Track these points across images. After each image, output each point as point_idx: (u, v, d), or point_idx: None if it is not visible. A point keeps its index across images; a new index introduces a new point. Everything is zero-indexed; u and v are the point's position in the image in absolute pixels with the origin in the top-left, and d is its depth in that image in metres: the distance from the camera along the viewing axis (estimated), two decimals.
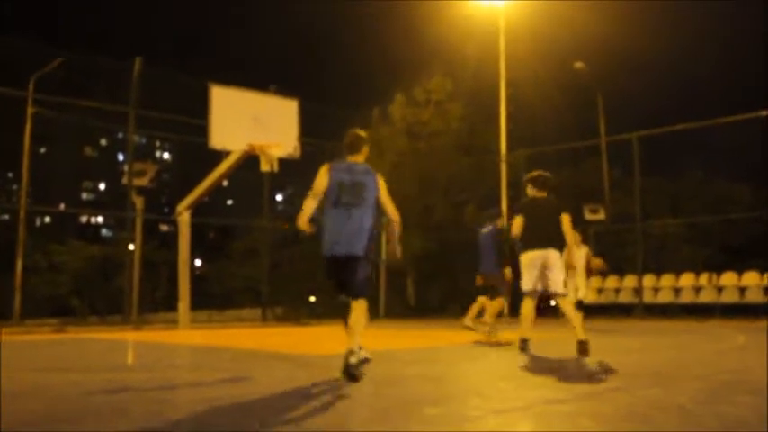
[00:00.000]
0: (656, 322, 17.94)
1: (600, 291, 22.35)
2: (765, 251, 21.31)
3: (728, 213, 23.66)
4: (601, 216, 22.25)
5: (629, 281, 21.83)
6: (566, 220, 8.70)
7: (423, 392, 5.37)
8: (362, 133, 6.80)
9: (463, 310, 13.28)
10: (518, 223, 8.81)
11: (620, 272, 22.53)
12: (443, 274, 24.05)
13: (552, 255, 8.59)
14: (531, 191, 9.08)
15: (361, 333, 6.17)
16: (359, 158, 6.69)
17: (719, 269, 20.88)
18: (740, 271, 20.33)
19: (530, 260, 8.67)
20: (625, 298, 21.59)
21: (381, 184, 6.63)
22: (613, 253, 23.87)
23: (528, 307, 8.82)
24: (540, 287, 8.68)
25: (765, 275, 19.69)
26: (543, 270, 8.59)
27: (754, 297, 19.39)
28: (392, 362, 8.00)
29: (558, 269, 8.62)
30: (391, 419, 4.15)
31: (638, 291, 21.05)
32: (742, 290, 19.79)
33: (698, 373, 6.60)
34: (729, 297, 19.81)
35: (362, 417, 4.21)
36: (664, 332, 13.58)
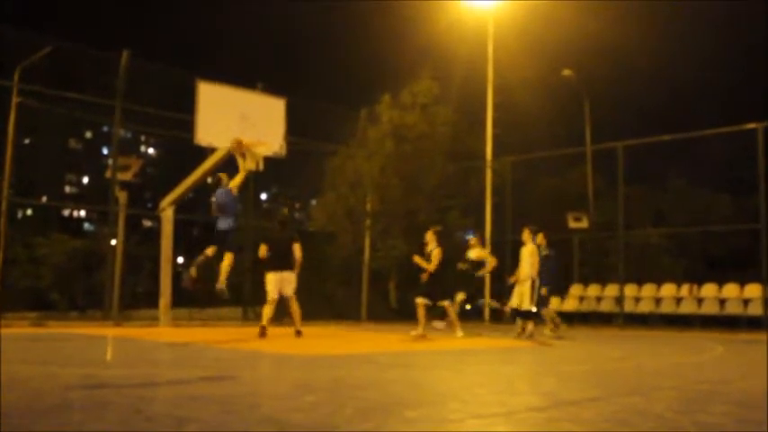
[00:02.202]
0: (637, 331, 18.02)
1: (581, 299, 22.44)
2: (745, 263, 21.46)
3: (710, 224, 23.82)
4: (584, 224, 22.34)
5: (611, 290, 21.91)
6: (296, 247, 12.78)
7: (402, 395, 5.37)
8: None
9: (443, 315, 13.45)
10: (264, 249, 12.92)
11: (602, 281, 22.63)
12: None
13: (286, 275, 12.71)
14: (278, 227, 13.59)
15: None
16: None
17: (699, 280, 20.99)
18: (720, 283, 20.44)
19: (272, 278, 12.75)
20: (606, 307, 21.67)
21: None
22: (596, 261, 24.00)
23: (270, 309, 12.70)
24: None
25: (745, 288, 19.82)
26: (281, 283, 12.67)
27: (733, 309, 19.51)
28: (372, 365, 8.00)
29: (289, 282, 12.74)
30: (373, 420, 4.14)
31: (619, 300, 21.13)
32: (722, 301, 19.91)
33: (677, 383, 6.63)
34: (709, 308, 19.93)
35: (344, 417, 4.20)
36: (644, 341, 13.65)
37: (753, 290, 19.48)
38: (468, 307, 15.24)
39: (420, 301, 13.16)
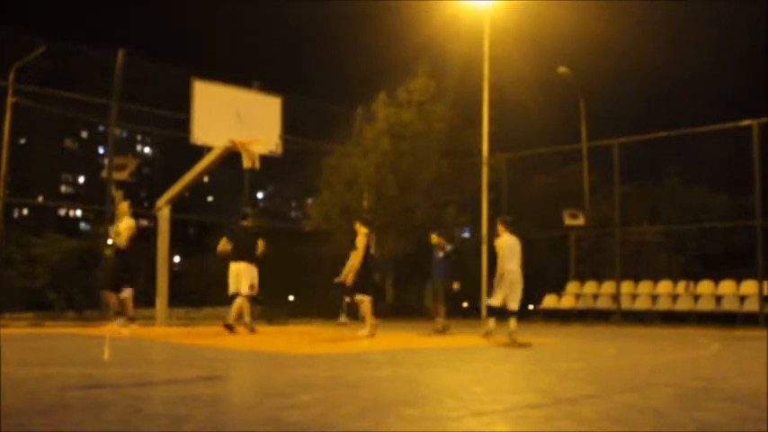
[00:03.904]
0: (633, 328, 18.05)
1: (578, 296, 22.45)
2: (741, 260, 21.47)
3: (706, 222, 23.85)
4: (580, 221, 22.36)
5: (608, 287, 21.92)
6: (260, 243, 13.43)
7: (399, 394, 5.37)
8: None
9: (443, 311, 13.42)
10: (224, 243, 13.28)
11: (599, 278, 22.64)
12: (422, 276, 24.08)
13: (242, 265, 13.12)
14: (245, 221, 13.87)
15: None
16: None
17: (695, 277, 21.01)
18: (716, 279, 20.46)
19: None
20: (603, 304, 21.69)
21: None
22: (592, 258, 24.03)
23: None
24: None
25: (741, 284, 19.84)
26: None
27: (729, 306, 19.53)
28: (368, 363, 8.01)
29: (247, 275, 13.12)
30: (369, 419, 4.14)
31: (615, 297, 21.15)
32: (718, 298, 19.93)
33: (673, 380, 6.64)
34: (706, 305, 19.95)
35: (340, 416, 4.20)
36: (640, 338, 13.67)
37: (749, 286, 19.50)
38: None
39: (363, 298, 12.76)
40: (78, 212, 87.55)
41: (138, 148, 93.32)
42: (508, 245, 12.02)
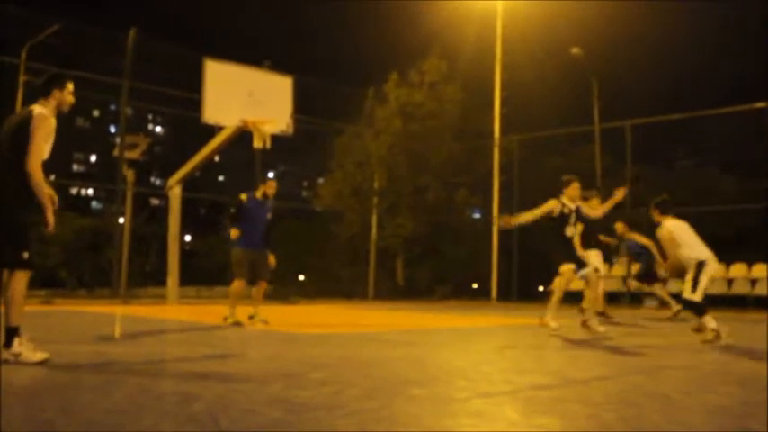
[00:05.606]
0: (643, 311, 18.01)
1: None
2: (753, 243, 21.37)
3: (717, 204, 23.73)
4: None
5: (618, 269, 21.86)
6: None
7: (409, 373, 5.38)
8: None
9: (453, 292, 13.38)
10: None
11: (609, 260, 22.54)
12: (433, 256, 24.10)
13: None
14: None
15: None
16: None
17: None
18: (727, 262, 20.39)
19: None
20: (613, 286, 21.63)
21: None
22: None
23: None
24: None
25: (752, 268, 19.77)
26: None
27: (740, 289, 19.47)
28: (379, 343, 8.02)
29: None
30: (378, 399, 4.16)
31: (626, 279, 21.09)
32: (729, 281, 19.86)
33: (683, 363, 6.63)
34: (716, 288, 19.87)
35: (350, 396, 4.22)
36: (650, 321, 13.65)
37: (760, 270, 19.44)
38: None
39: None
40: (90, 191, 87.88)
41: (150, 127, 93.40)
42: None
